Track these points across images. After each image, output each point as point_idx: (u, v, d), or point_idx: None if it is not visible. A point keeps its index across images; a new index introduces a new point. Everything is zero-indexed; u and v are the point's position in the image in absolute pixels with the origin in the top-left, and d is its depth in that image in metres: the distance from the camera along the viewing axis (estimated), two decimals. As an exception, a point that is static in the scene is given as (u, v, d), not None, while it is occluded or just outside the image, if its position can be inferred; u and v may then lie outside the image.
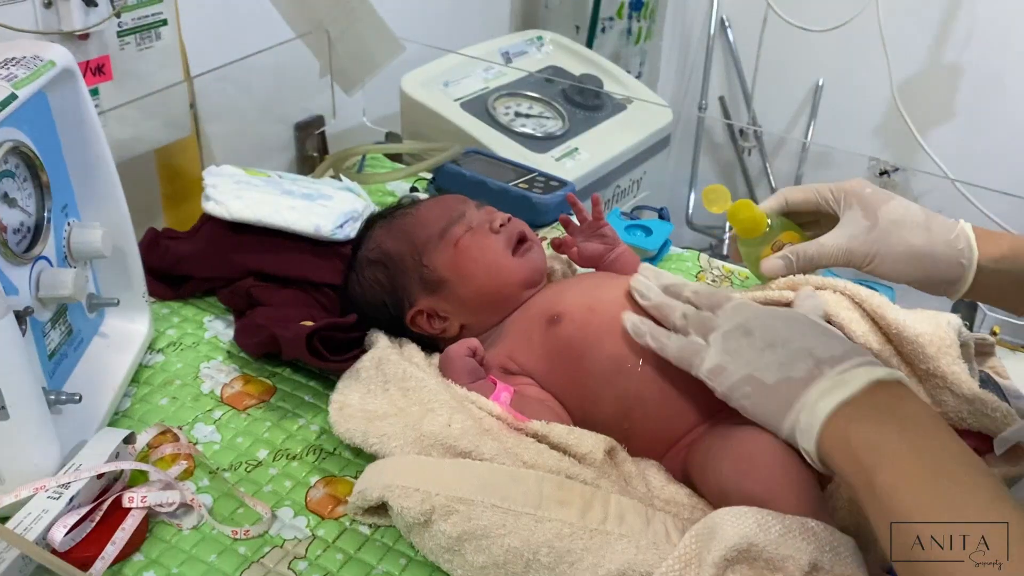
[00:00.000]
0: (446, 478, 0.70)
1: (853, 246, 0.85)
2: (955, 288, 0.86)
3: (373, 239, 0.96)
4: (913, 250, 0.84)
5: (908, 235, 0.84)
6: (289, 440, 0.86)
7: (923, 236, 0.84)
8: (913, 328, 0.77)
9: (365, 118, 1.55)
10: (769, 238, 0.90)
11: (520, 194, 1.24)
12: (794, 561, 0.62)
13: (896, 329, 0.78)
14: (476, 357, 0.86)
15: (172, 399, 0.90)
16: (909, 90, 1.96)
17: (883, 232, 0.84)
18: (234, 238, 1.03)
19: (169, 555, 0.73)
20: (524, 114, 1.62)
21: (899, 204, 0.86)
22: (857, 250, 0.85)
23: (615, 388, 0.80)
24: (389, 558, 0.74)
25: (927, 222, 0.85)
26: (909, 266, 0.85)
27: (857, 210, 0.86)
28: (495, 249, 0.91)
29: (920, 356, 0.77)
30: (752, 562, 0.63)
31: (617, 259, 1.00)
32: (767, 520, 0.64)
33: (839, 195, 0.88)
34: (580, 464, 0.73)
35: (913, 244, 0.84)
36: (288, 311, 0.95)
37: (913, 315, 0.81)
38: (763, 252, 0.90)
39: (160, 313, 1.02)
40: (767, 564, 0.63)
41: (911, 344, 0.78)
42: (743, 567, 0.63)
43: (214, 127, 1.35)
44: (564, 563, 0.66)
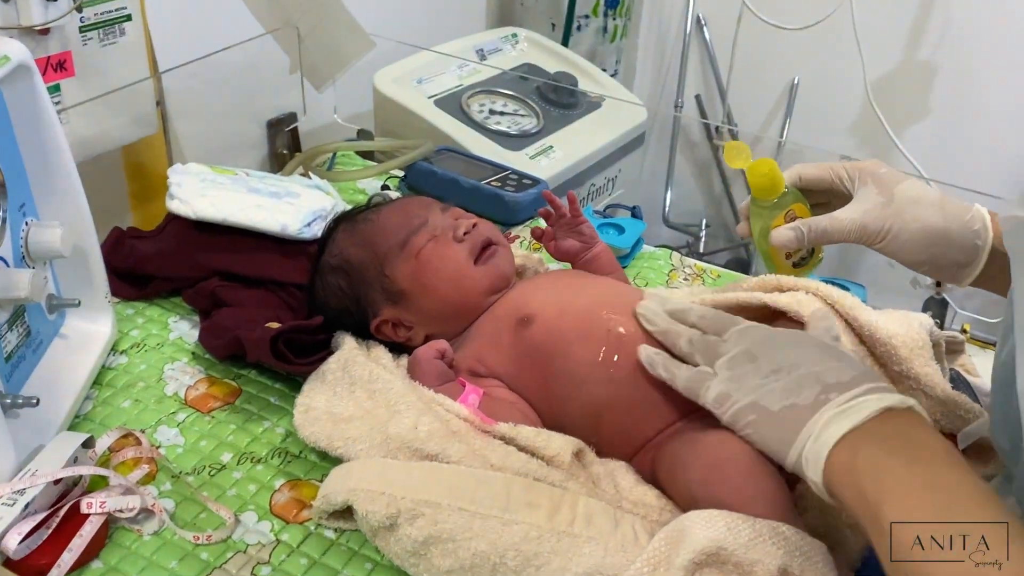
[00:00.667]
0: (412, 481, 0.69)
1: (867, 221, 0.82)
2: (965, 272, 0.83)
3: (336, 244, 0.94)
4: (928, 229, 0.81)
5: (924, 214, 0.81)
6: (254, 443, 0.85)
7: (939, 216, 0.81)
8: (886, 329, 0.77)
9: (337, 115, 1.53)
10: (782, 205, 0.87)
11: (493, 192, 1.23)
12: (763, 566, 0.61)
13: (869, 331, 0.78)
14: (445, 359, 0.85)
15: (135, 402, 0.88)
16: (883, 88, 1.96)
17: (899, 209, 0.81)
18: (199, 237, 1.01)
19: (129, 562, 0.72)
20: (499, 112, 1.61)
21: (915, 183, 0.83)
22: (871, 225, 0.82)
23: (585, 392, 0.80)
24: (355, 563, 0.73)
25: (942, 203, 0.82)
26: (923, 245, 0.81)
27: (872, 187, 0.83)
28: (457, 260, 0.89)
29: (893, 358, 0.77)
30: (721, 565, 0.62)
31: (594, 259, 0.99)
32: (737, 523, 0.63)
33: (854, 173, 0.85)
34: (548, 466, 0.72)
35: (929, 223, 0.80)
36: (254, 312, 0.94)
37: (885, 316, 0.80)
38: (774, 222, 0.87)
39: (124, 314, 1.01)
40: (736, 568, 0.62)
41: (884, 346, 0.77)
42: (712, 570, 0.62)
43: (183, 125, 1.33)
44: (531, 566, 0.65)
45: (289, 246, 1.01)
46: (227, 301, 0.97)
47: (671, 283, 1.14)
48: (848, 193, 0.85)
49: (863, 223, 0.82)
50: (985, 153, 1.97)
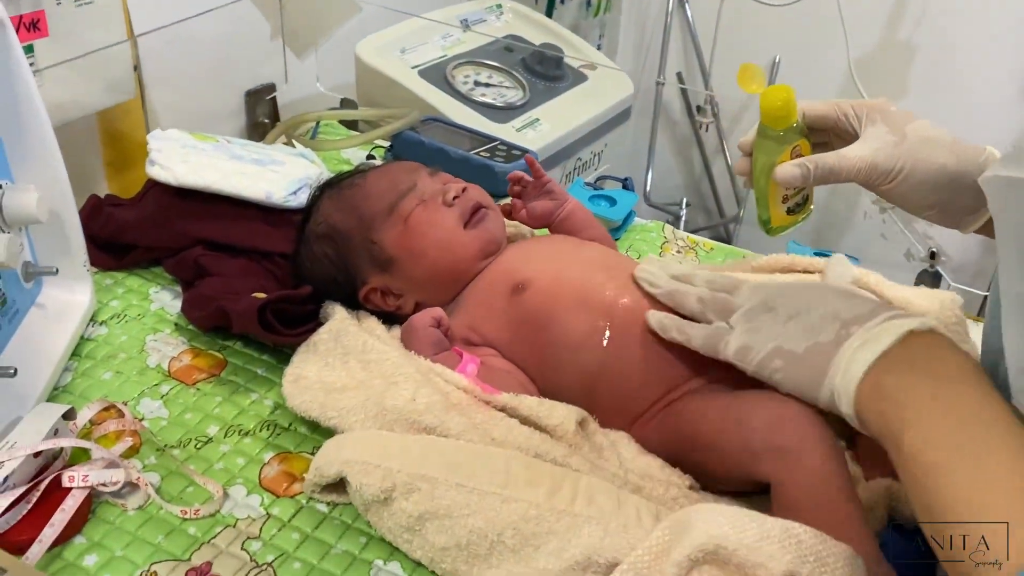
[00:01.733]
0: (409, 455, 0.67)
1: (878, 159, 0.76)
2: (973, 218, 0.78)
3: (321, 211, 0.91)
4: (942, 170, 0.75)
5: (937, 154, 0.75)
6: (241, 415, 0.82)
7: (952, 157, 0.76)
8: (918, 305, 0.76)
9: (319, 84, 1.50)
10: (789, 139, 0.80)
11: (482, 163, 1.21)
12: (766, 570, 0.57)
13: (901, 307, 0.76)
14: (441, 327, 0.83)
15: (116, 373, 0.86)
16: (865, 66, 1.96)
17: (911, 148, 0.76)
18: (181, 205, 0.97)
19: (113, 537, 0.69)
20: (484, 83, 1.58)
21: (927, 123, 0.78)
22: (882, 164, 0.76)
23: (581, 359, 0.78)
24: (348, 536, 0.71)
25: (954, 144, 0.77)
26: (935, 187, 0.76)
27: (881, 125, 0.77)
28: (447, 224, 0.86)
29: None
30: (722, 564, 0.59)
31: (569, 216, 0.97)
32: (744, 522, 0.59)
33: (861, 111, 0.79)
34: (551, 439, 0.71)
35: (942, 163, 0.75)
36: (238, 282, 0.91)
37: (911, 293, 0.79)
38: (780, 158, 0.80)
39: (103, 284, 0.97)
40: (737, 569, 0.58)
41: None
42: (712, 568, 0.59)
43: (161, 92, 1.29)
44: (529, 546, 0.63)
45: (274, 214, 0.98)
46: (210, 271, 0.93)
47: (663, 255, 1.13)
48: (853, 132, 0.79)
49: (873, 162, 0.76)
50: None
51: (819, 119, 0.81)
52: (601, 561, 0.62)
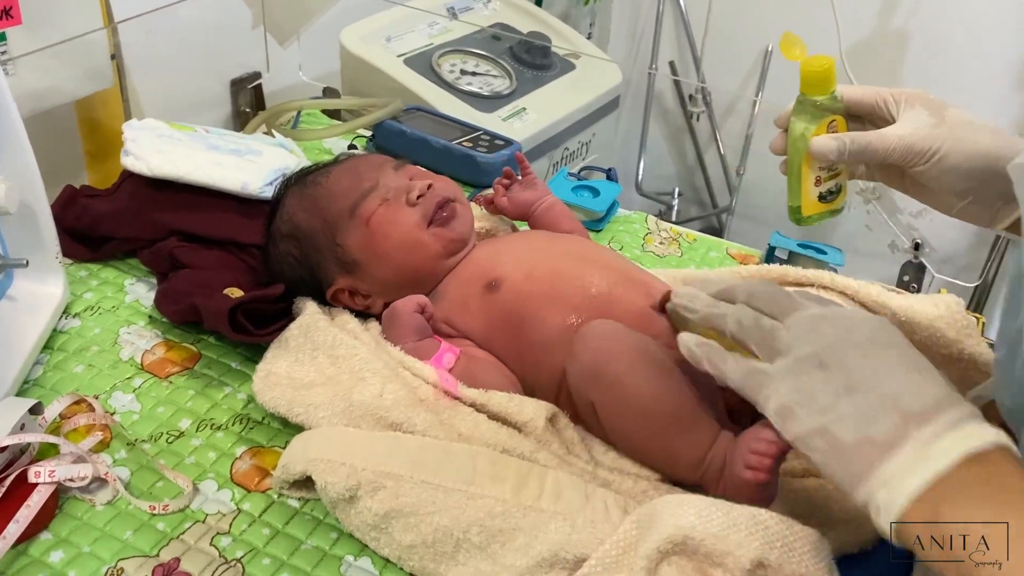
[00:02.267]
0: (374, 452, 0.67)
1: (915, 140, 0.74)
2: (1008, 209, 0.75)
3: (286, 209, 0.89)
4: (981, 151, 0.73)
5: (977, 136, 0.74)
6: (214, 409, 0.81)
7: (991, 140, 0.73)
8: (924, 312, 0.75)
9: (301, 73, 1.48)
10: (828, 110, 0.79)
11: (464, 153, 1.19)
12: (734, 558, 0.57)
13: (906, 316, 0.76)
14: (425, 313, 0.82)
15: (88, 366, 0.85)
16: (857, 55, 1.94)
17: (951, 129, 0.74)
18: (156, 196, 0.96)
19: (80, 533, 0.69)
20: (470, 72, 1.57)
21: (966, 111, 0.76)
22: (918, 144, 0.74)
23: (557, 357, 0.77)
24: (319, 532, 0.71)
25: (994, 130, 0.75)
26: (971, 171, 0.74)
27: (921, 110, 0.76)
28: (409, 224, 0.84)
29: (941, 341, 0.75)
30: (691, 555, 0.59)
31: (549, 209, 0.96)
32: (710, 510, 0.59)
33: (900, 97, 0.77)
34: (519, 434, 0.70)
35: (982, 145, 0.73)
36: (212, 275, 0.90)
37: (913, 300, 0.78)
38: (816, 130, 0.79)
39: (77, 276, 0.96)
40: (706, 558, 0.58)
41: (927, 330, 0.75)
42: (681, 559, 0.59)
43: (142, 81, 1.28)
44: (496, 543, 0.62)
45: (250, 206, 0.97)
46: (185, 263, 0.92)
47: (646, 247, 1.12)
48: (891, 118, 0.78)
49: (910, 142, 0.74)
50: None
51: (856, 104, 0.79)
52: (569, 557, 0.61)
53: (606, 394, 0.70)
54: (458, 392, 0.73)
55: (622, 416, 0.70)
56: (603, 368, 0.70)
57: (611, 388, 0.69)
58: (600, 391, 0.70)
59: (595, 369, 0.70)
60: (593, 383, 0.70)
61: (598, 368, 0.70)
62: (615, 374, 0.69)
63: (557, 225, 0.95)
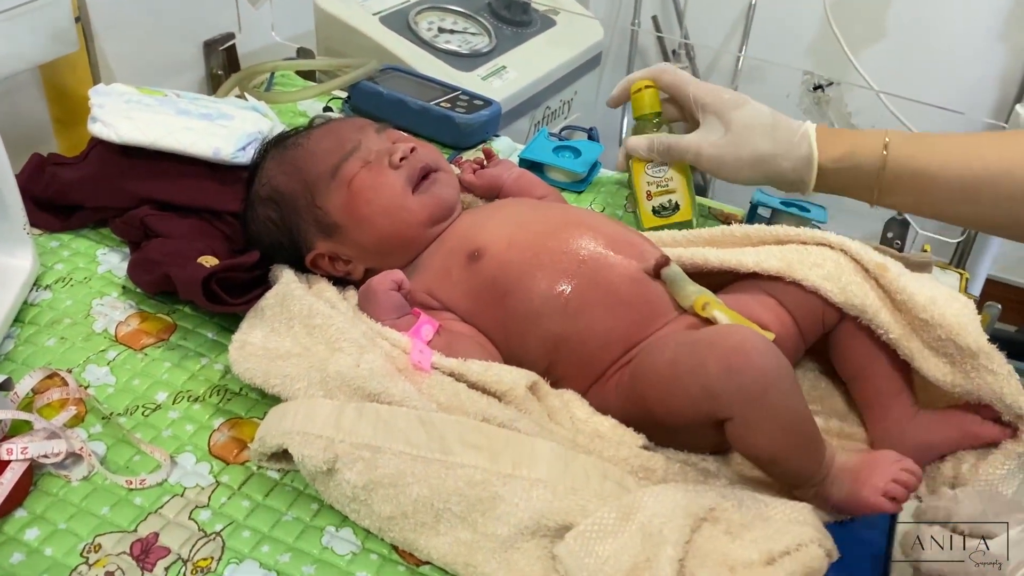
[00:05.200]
0: (351, 423, 0.65)
1: (703, 149, 0.92)
2: (801, 187, 0.91)
3: (265, 172, 0.87)
4: (758, 155, 0.89)
5: (756, 140, 0.89)
6: (191, 381, 0.80)
7: (768, 142, 0.89)
8: (942, 312, 0.72)
9: (274, 33, 1.44)
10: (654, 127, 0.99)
11: (442, 114, 1.17)
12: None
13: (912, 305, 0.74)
14: (402, 291, 0.80)
15: (60, 339, 0.83)
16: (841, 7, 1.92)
17: (734, 137, 0.90)
18: (126, 163, 0.94)
19: (56, 509, 0.68)
20: (448, 30, 1.53)
21: (751, 109, 0.91)
22: (705, 153, 0.92)
23: (541, 326, 0.76)
24: (300, 504, 0.70)
25: (774, 126, 0.90)
26: (754, 171, 0.91)
27: (712, 118, 0.92)
28: (393, 188, 0.83)
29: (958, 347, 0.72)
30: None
31: (519, 179, 0.96)
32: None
33: (698, 103, 0.94)
34: (499, 403, 0.69)
35: (759, 149, 0.89)
36: (186, 244, 0.87)
37: (939, 292, 0.76)
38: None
39: (48, 247, 0.94)
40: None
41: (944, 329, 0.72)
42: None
43: (111, 44, 1.24)
44: (476, 512, 0.62)
45: (224, 172, 0.95)
46: (158, 231, 0.90)
47: (628, 208, 1.10)
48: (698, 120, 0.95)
49: (699, 148, 0.92)
50: (941, 71, 1.96)
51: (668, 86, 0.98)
52: (551, 525, 0.61)
53: (759, 412, 0.65)
54: (428, 367, 0.71)
55: (768, 435, 0.66)
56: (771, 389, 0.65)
57: (768, 408, 0.65)
58: (754, 409, 0.65)
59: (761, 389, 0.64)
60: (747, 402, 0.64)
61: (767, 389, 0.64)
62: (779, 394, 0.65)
63: (531, 193, 0.94)
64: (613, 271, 0.77)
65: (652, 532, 0.58)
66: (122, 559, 0.65)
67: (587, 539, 0.59)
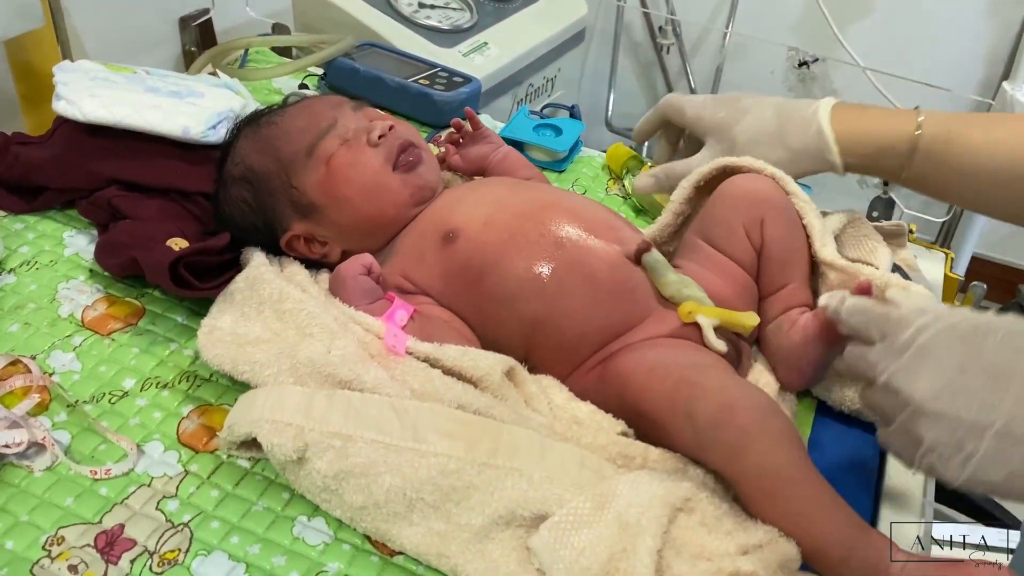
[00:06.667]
0: (321, 411, 0.64)
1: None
2: (833, 171, 0.85)
3: (238, 151, 0.84)
4: (772, 164, 0.82)
5: (765, 152, 0.84)
6: (160, 367, 0.78)
7: (779, 150, 0.84)
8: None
9: (249, 8, 1.41)
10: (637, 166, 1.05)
11: (420, 91, 1.14)
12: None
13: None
14: (372, 275, 0.78)
15: (24, 325, 0.81)
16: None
17: (741, 155, 0.83)
18: (92, 142, 0.91)
19: (17, 501, 0.66)
20: (428, 5, 1.50)
21: (752, 121, 0.86)
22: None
23: (518, 309, 0.74)
24: (271, 493, 0.68)
25: (781, 132, 0.84)
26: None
27: (712, 142, 0.88)
28: (373, 166, 0.80)
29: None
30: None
31: (504, 159, 0.93)
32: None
33: (700, 127, 0.89)
34: (475, 390, 0.67)
35: (770, 159, 0.83)
36: (154, 226, 0.85)
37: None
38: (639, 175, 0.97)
39: (12, 229, 0.91)
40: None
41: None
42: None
43: (81, 19, 1.21)
44: (450, 502, 0.60)
45: (194, 151, 0.92)
46: (126, 213, 0.88)
47: (610, 191, 1.08)
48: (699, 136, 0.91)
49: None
50: (927, 47, 1.94)
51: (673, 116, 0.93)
52: (526, 514, 0.59)
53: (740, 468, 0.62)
54: (403, 352, 0.69)
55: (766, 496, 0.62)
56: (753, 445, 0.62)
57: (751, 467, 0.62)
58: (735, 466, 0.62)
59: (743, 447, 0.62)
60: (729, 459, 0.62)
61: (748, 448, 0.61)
62: (758, 455, 0.62)
63: (514, 174, 0.92)
64: (592, 255, 0.75)
65: (629, 522, 0.57)
66: (86, 552, 0.63)
67: (562, 530, 0.57)
